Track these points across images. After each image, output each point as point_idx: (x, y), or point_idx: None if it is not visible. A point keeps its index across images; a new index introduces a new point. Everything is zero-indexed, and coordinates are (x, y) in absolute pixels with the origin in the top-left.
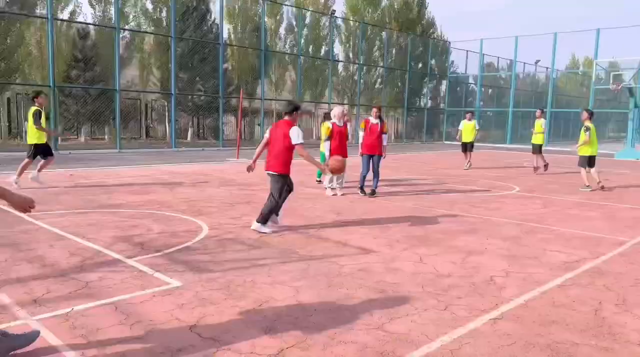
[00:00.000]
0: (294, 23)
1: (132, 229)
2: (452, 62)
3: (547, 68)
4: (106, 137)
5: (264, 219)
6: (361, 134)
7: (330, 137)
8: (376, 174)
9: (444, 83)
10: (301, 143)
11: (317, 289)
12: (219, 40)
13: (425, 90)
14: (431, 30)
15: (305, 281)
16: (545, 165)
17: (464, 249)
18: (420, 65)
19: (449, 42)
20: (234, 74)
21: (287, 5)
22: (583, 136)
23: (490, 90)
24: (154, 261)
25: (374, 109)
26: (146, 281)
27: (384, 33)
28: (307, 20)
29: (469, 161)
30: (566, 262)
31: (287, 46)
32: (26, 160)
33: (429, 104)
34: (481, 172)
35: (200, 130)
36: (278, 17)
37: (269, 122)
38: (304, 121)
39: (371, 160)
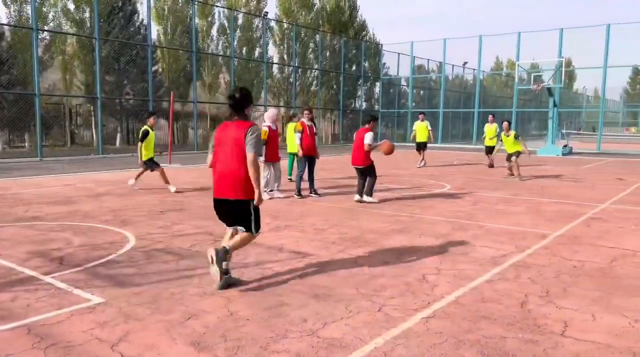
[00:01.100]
0: (226, 24)
1: (50, 243)
2: (385, 64)
3: (474, 70)
4: (26, 144)
5: (370, 192)
6: (297, 135)
7: (267, 141)
8: (312, 175)
9: (378, 85)
10: (369, 143)
11: (249, 298)
12: (147, 42)
13: (359, 92)
14: (363, 33)
15: (237, 290)
16: (491, 165)
17: (397, 248)
18: (354, 67)
19: (381, 45)
20: (165, 77)
21: (219, 6)
22: (520, 144)
23: (422, 92)
24: (74, 276)
25: (306, 111)
26: (64, 299)
27: (317, 35)
28: (240, 22)
29: (423, 160)
30: (494, 257)
31: (219, 48)
32: (156, 170)
33: (364, 105)
34: (413, 171)
35: (130, 136)
36: (210, 19)
37: (203, 125)
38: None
39: (307, 162)
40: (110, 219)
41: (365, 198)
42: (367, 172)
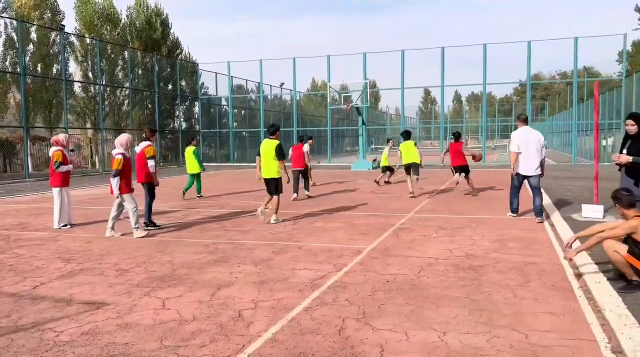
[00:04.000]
0: (15, 38)
1: None
2: (203, 83)
3: (290, 90)
4: None
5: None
6: (152, 163)
7: (121, 171)
8: (152, 204)
9: (197, 104)
10: (307, 151)
11: None
12: None
13: (178, 112)
14: (178, 51)
15: None
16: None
17: (213, 283)
18: (170, 86)
19: (197, 64)
20: None
21: (5, 17)
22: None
23: (242, 112)
24: None
25: (155, 135)
26: None
27: (126, 52)
28: (33, 35)
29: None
30: (313, 279)
31: (7, 64)
32: (275, 197)
33: (184, 125)
34: (234, 194)
35: None
36: None
37: None
38: (37, 148)
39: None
40: None
41: (307, 192)
42: (305, 173)
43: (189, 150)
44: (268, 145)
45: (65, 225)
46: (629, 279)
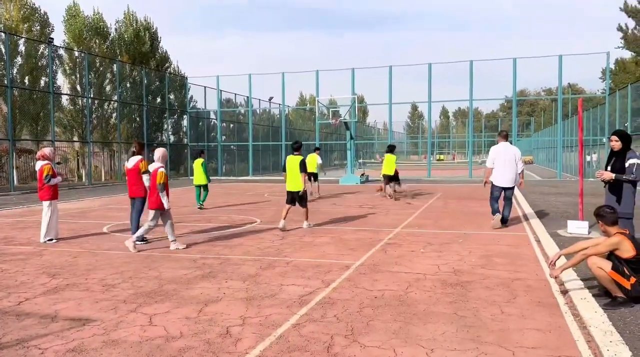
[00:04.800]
0: (3, 50)
1: None
2: (192, 97)
3: (279, 104)
4: None
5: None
6: (147, 177)
7: (165, 184)
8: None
9: (186, 118)
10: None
11: None
12: None
13: (166, 125)
14: (166, 65)
15: None
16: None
17: (200, 299)
18: (158, 99)
19: (186, 77)
20: None
21: None
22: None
23: (231, 125)
24: None
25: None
26: None
27: (115, 65)
28: (21, 48)
29: (317, 192)
30: (301, 295)
31: None
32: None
33: (172, 138)
34: (221, 208)
35: None
36: None
37: None
38: (23, 161)
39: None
40: None
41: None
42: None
43: (198, 162)
44: (294, 161)
45: (51, 239)
46: (613, 296)
